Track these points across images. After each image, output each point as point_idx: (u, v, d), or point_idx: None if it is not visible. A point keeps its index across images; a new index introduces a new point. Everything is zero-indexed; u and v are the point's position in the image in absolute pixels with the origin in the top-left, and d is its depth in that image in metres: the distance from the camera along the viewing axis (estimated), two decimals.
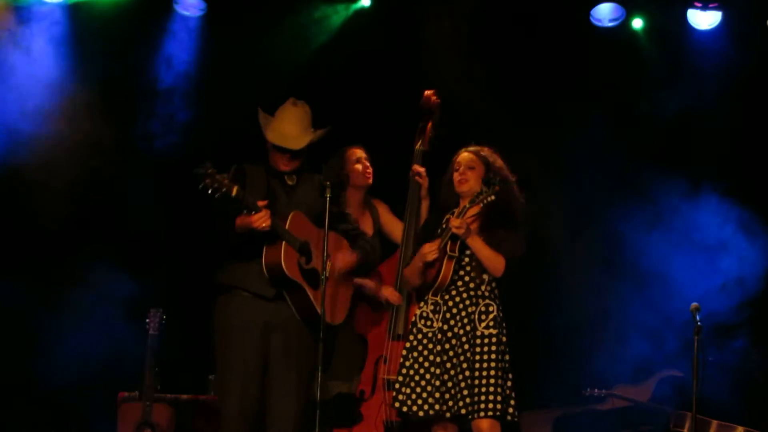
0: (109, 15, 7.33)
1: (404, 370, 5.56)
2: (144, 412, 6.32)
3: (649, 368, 7.12)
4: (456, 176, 5.69)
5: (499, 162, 5.70)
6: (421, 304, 5.66)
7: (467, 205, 5.54)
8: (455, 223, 5.49)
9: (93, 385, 6.91)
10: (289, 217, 5.35)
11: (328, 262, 5.40)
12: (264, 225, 5.19)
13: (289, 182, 5.54)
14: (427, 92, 6.19)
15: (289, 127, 5.47)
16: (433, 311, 5.59)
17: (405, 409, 5.53)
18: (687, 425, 6.53)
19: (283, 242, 5.29)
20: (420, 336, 5.59)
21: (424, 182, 6.09)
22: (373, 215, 6.29)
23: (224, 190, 5.07)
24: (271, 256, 5.29)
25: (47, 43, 7.19)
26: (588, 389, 6.90)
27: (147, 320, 6.49)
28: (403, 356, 5.60)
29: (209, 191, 5.05)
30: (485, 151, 5.73)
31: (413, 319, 5.67)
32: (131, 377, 6.56)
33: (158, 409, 6.38)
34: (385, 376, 5.86)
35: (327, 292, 5.38)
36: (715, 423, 6.57)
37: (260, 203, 5.20)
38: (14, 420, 6.99)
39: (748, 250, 7.13)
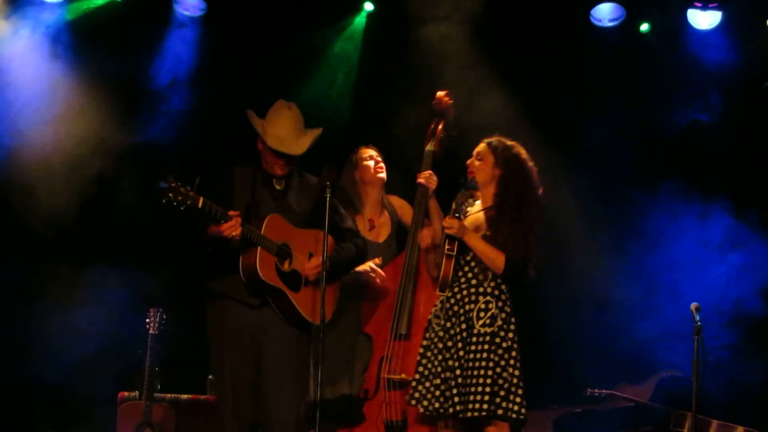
0: (108, 14, 7.35)
1: (420, 368, 5.56)
2: (144, 412, 6.34)
3: (649, 368, 7.12)
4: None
5: (512, 154, 5.60)
6: (436, 302, 5.64)
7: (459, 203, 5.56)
8: (446, 223, 5.50)
9: (93, 385, 6.92)
10: (265, 221, 5.27)
11: (313, 260, 5.36)
12: (234, 233, 5.10)
13: (278, 186, 5.47)
14: (439, 93, 6.12)
15: (286, 131, 5.39)
16: (441, 309, 5.58)
17: (421, 409, 5.52)
18: (687, 425, 6.53)
19: (259, 248, 5.21)
20: (431, 334, 5.59)
21: (432, 185, 5.96)
22: (391, 213, 6.26)
23: (189, 202, 4.97)
24: (247, 263, 5.20)
25: (45, 43, 7.20)
26: (588, 389, 6.89)
27: (147, 320, 6.51)
28: (419, 353, 5.59)
29: (174, 204, 4.94)
30: (499, 142, 5.63)
31: (429, 316, 5.67)
32: (131, 377, 6.57)
33: (158, 409, 6.39)
34: (386, 375, 5.83)
35: (308, 292, 5.35)
36: (715, 423, 6.56)
37: (231, 213, 5.11)
38: (14, 419, 6.99)
39: (752, 258, 7.15)
